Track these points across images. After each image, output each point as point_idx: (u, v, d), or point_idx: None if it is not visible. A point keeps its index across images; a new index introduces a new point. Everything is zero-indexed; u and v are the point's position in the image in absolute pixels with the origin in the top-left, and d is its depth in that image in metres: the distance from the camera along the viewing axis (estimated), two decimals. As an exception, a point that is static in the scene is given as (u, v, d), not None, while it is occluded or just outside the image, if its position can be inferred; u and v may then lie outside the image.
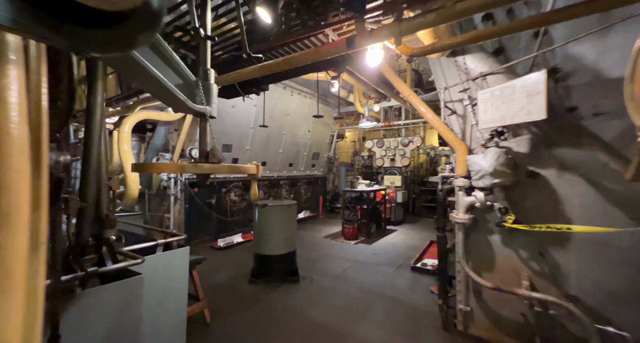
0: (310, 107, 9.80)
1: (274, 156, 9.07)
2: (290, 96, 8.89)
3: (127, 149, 4.91)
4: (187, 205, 6.37)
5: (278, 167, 9.35)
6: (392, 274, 4.95)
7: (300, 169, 10.45)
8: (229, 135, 7.30)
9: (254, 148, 8.16)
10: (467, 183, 2.90)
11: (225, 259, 5.70)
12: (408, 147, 9.92)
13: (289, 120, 9.14)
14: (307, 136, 10.19)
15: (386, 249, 6.45)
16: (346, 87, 9.88)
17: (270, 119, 8.37)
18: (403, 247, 6.65)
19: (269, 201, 4.87)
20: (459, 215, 2.95)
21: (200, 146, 1.64)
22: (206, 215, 6.83)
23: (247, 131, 7.76)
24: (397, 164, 10.16)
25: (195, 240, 6.63)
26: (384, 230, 8.40)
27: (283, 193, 9.60)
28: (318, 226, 9.13)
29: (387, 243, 7.04)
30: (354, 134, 13.98)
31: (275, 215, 4.58)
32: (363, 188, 7.99)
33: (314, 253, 6.14)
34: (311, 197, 10.87)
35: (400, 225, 9.27)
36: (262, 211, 4.58)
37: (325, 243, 7.05)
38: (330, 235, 7.80)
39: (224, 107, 6.89)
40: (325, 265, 5.40)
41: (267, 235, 4.55)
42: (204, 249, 6.30)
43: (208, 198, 6.90)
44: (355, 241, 7.12)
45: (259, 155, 8.48)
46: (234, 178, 7.66)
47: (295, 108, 9.20)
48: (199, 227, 6.72)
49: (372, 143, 10.65)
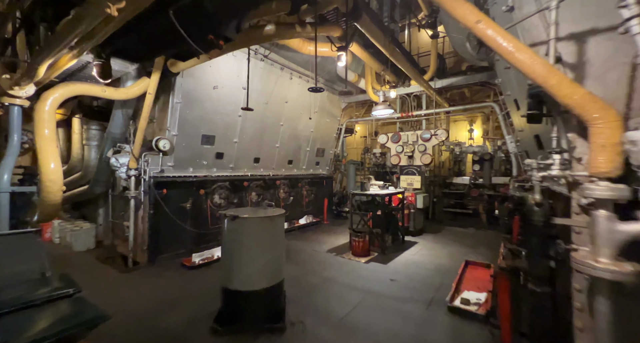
0: (314, 94, 8.33)
1: (270, 151, 7.64)
2: (289, 79, 7.43)
3: (47, 134, 3.54)
4: (152, 211, 5.00)
5: (275, 164, 7.92)
6: (421, 318, 3.42)
7: (301, 167, 8.99)
8: (211, 124, 5.90)
9: (244, 141, 6.75)
10: (624, 194, 1.35)
11: (195, 284, 4.29)
12: (430, 141, 8.31)
13: (288, 108, 7.69)
14: (309, 129, 8.73)
15: (407, 272, 4.92)
16: (357, 70, 8.36)
17: (265, 106, 6.95)
18: (430, 268, 5.09)
19: (243, 210, 3.43)
20: (601, 259, 1.40)
21: None
22: (180, 224, 5.46)
23: (234, 120, 6.35)
24: (416, 162, 8.56)
25: (165, 255, 5.26)
26: (402, 243, 6.85)
27: (281, 195, 8.17)
28: (321, 235, 7.66)
29: (408, 262, 5.49)
30: (364, 128, 12.43)
31: (252, 232, 3.13)
32: (376, 192, 6.47)
33: (311, 277, 4.66)
34: (314, 199, 9.41)
35: (420, 235, 7.69)
36: (232, 226, 3.14)
37: (328, 260, 5.56)
38: (336, 249, 6.31)
39: (202, 87, 5.51)
40: (325, 298, 3.92)
41: (239, 261, 3.11)
42: (172, 268, 4.92)
43: (182, 201, 5.52)
44: (366, 258, 5.60)
45: (251, 150, 7.07)
46: (217, 177, 6.27)
47: (295, 94, 7.74)
48: (169, 238, 5.35)
49: (386, 137, 9.08)
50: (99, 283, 4.23)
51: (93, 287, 4.00)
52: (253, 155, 7.19)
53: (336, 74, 8.26)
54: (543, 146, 2.63)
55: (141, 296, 3.85)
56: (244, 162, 7.00)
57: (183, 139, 5.50)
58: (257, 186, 7.48)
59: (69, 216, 6.56)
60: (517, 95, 3.51)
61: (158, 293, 3.91)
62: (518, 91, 3.19)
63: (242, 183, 6.86)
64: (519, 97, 3.46)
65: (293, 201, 8.58)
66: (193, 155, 5.79)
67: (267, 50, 6.45)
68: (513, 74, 3.07)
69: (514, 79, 3.11)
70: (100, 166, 5.17)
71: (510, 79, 3.69)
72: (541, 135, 2.64)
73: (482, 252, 6.12)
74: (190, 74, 5.25)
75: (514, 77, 3.08)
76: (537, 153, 3.38)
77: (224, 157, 6.43)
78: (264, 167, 7.60)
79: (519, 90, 3.00)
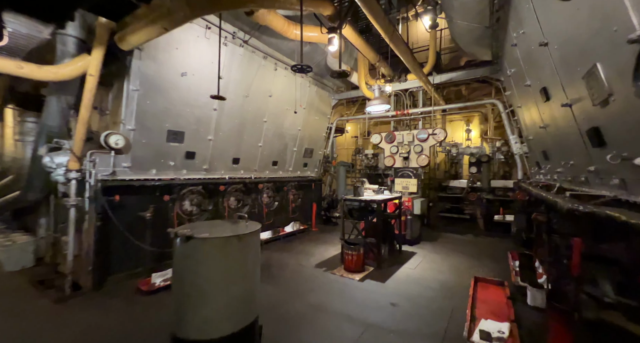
0: (302, 88, 7.55)
1: (251, 151, 6.78)
2: (273, 70, 6.61)
3: None
4: (100, 222, 4.05)
5: (257, 166, 7.06)
6: (435, 363, 2.68)
7: (287, 169, 8.16)
8: (179, 118, 5.00)
9: (221, 139, 5.87)
10: None
11: (149, 319, 3.38)
12: (427, 142, 7.69)
13: (273, 103, 6.86)
14: (296, 127, 7.92)
15: (410, 293, 4.18)
16: (348, 63, 7.64)
17: (245, 99, 6.10)
18: (434, 287, 4.38)
19: (203, 225, 2.58)
20: None
21: None
22: (138, 236, 4.52)
23: (208, 114, 5.47)
24: (412, 164, 7.92)
25: (117, 275, 4.31)
26: (399, 254, 6.14)
27: (264, 200, 7.31)
28: (309, 245, 6.85)
29: (408, 278, 4.76)
30: (355, 128, 11.74)
31: (213, 258, 2.30)
32: (371, 197, 5.73)
33: (296, 302, 3.84)
34: (302, 204, 8.59)
35: (418, 244, 7.02)
36: (185, 250, 2.29)
37: (316, 278, 4.76)
38: (325, 263, 5.52)
39: (167, 73, 4.62)
40: (313, 335, 3.11)
41: (193, 299, 2.26)
42: (123, 293, 3.97)
43: (140, 209, 4.58)
44: (360, 275, 4.84)
45: (229, 149, 6.19)
46: (187, 180, 5.35)
47: (280, 88, 6.93)
48: (123, 255, 4.40)
49: (379, 137, 8.40)
50: (18, 320, 3.25)
51: (4, 327, 3.03)
52: (231, 155, 6.31)
53: (326, 67, 7.52)
54: (605, 142, 1.94)
55: None
56: (220, 163, 6.11)
57: (143, 135, 4.58)
58: (237, 190, 6.59)
59: (4, 227, 5.46)
60: (549, 82, 2.86)
61: (94, 337, 2.99)
62: (553, 77, 2.52)
63: (218, 188, 5.96)
64: (551, 84, 2.80)
65: (278, 207, 7.73)
66: (156, 154, 4.87)
67: (247, 35, 5.63)
68: (553, 54, 2.39)
69: (552, 61, 2.44)
70: (34, 167, 4.17)
71: (538, 65, 3.03)
72: (604, 126, 1.95)
73: (488, 264, 5.49)
74: (151, 57, 4.35)
75: (553, 58, 2.40)
76: (576, 152, 2.72)
77: (196, 157, 5.53)
78: (244, 169, 6.72)
79: (562, 72, 2.31)
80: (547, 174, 4.46)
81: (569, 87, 2.36)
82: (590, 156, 2.35)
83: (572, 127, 2.52)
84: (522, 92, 4.34)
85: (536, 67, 3.14)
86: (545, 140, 3.82)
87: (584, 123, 2.25)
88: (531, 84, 3.66)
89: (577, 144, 2.56)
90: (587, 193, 2.15)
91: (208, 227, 2.57)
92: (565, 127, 2.76)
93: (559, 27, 2.20)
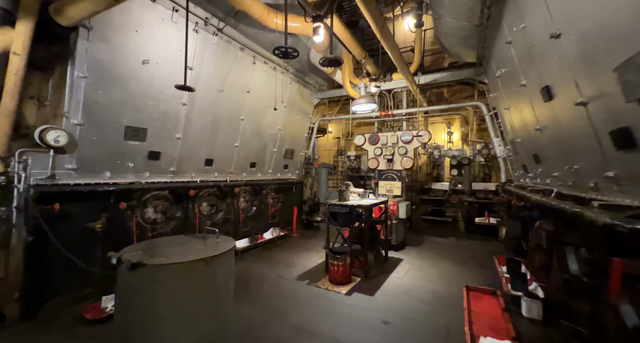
0: (282, 84, 7.06)
1: (227, 151, 6.17)
2: (251, 64, 6.07)
3: None
4: (32, 237, 3.29)
5: (233, 167, 6.45)
6: (440, 397, 2.33)
7: (267, 171, 7.61)
8: (140, 112, 4.32)
9: (191, 137, 5.23)
10: None
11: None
12: (411, 143, 7.51)
13: (251, 100, 6.31)
14: (277, 126, 7.41)
15: (401, 307, 3.85)
16: (332, 59, 7.26)
17: (219, 94, 5.51)
18: (426, 299, 4.09)
19: (157, 246, 2.03)
20: None
21: None
22: (85, 251, 3.78)
23: (176, 109, 4.82)
24: (397, 166, 7.70)
25: (55, 301, 3.55)
26: (385, 261, 5.84)
27: (240, 205, 6.71)
28: (290, 253, 6.36)
29: (398, 289, 4.44)
30: (337, 129, 11.42)
31: (169, 290, 1.77)
32: (358, 202, 5.38)
33: (277, 324, 3.35)
34: (282, 208, 8.07)
35: (403, 249, 6.79)
36: (132, 281, 1.75)
37: (299, 293, 4.29)
38: (308, 274, 5.06)
39: (125, 59, 3.95)
40: (297, 367, 2.65)
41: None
42: (61, 324, 3.24)
43: (89, 220, 3.85)
44: (347, 287, 4.45)
45: (200, 149, 5.55)
46: (150, 184, 4.65)
47: (259, 83, 6.40)
48: (64, 275, 3.65)
49: (363, 138, 8.12)
50: None
51: None
52: (204, 156, 5.67)
53: (309, 63, 7.10)
54: (636, 144, 1.69)
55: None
56: (191, 164, 5.45)
57: (93, 131, 3.86)
58: (210, 195, 5.95)
59: None
60: (555, 79, 2.65)
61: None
62: (563, 73, 2.29)
63: (187, 192, 5.29)
64: (558, 82, 2.59)
65: (256, 212, 7.16)
66: (111, 154, 4.15)
67: (221, 22, 5.06)
68: (566, 47, 2.16)
69: (565, 55, 2.20)
70: (-56, 169, 3.31)
71: (542, 61, 2.82)
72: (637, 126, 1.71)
73: (475, 270, 5.34)
74: (103, 38, 3.66)
75: (567, 51, 2.17)
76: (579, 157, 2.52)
77: (162, 157, 4.85)
78: (218, 171, 6.10)
79: (578, 66, 2.07)
80: (536, 178, 4.36)
81: (586, 84, 2.12)
82: (607, 160, 2.13)
83: (585, 128, 2.30)
84: (514, 92, 4.20)
85: (538, 64, 2.94)
86: (539, 143, 3.67)
87: (604, 123, 2.01)
88: (527, 84, 3.49)
89: (589, 146, 2.35)
90: (614, 203, 1.91)
91: (166, 247, 2.03)
92: (572, 128, 2.55)
93: (580, 14, 1.96)
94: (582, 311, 2.11)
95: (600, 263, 1.72)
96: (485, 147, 8.28)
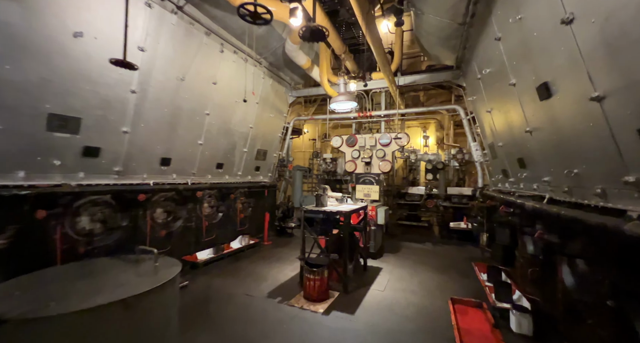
0: (255, 78, 6.45)
1: (188, 150, 5.39)
2: (219, 52, 5.39)
3: None
4: None
5: (196, 169, 5.67)
6: None
7: (236, 174, 6.89)
8: (72, 97, 3.47)
9: (142, 132, 4.41)
10: None
11: None
12: (389, 146, 7.28)
13: (218, 93, 5.61)
14: (248, 124, 6.75)
15: (385, 326, 3.43)
16: (309, 54, 6.83)
17: (179, 83, 4.77)
18: (410, 316, 3.71)
19: (57, 280, 1.38)
20: None
21: None
22: (-17, 275, 2.85)
23: (122, 96, 4.00)
24: (374, 170, 7.43)
25: None
26: (364, 271, 5.44)
27: (204, 211, 5.92)
28: (260, 264, 5.71)
29: (380, 305, 4.03)
30: (313, 130, 10.98)
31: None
32: (337, 208, 4.92)
33: (242, 361, 2.74)
34: (253, 214, 7.36)
35: (381, 257, 6.46)
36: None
37: (269, 315, 3.69)
38: (280, 290, 4.47)
39: (47, 28, 3.13)
40: None
41: None
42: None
43: (-11, 235, 2.93)
44: (324, 305, 3.94)
45: (155, 147, 4.73)
46: (85, 187, 3.77)
47: (228, 75, 5.73)
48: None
49: (340, 140, 7.74)
50: None
51: None
52: (159, 155, 4.85)
53: (284, 56, 6.57)
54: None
55: None
56: (142, 164, 4.61)
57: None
58: (166, 200, 5.11)
59: None
60: (557, 74, 2.41)
61: None
62: (574, 65, 2.04)
63: (136, 197, 4.45)
64: (563, 76, 2.35)
65: (223, 218, 6.39)
66: (27, 148, 3.25)
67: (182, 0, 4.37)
68: (579, 34, 1.89)
69: (576, 43, 1.94)
70: None
71: (543, 54, 2.59)
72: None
73: (455, 278, 5.14)
74: (16, -2, 2.83)
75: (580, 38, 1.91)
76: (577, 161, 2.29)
77: (102, 154, 3.99)
78: (177, 173, 5.29)
79: (596, 55, 1.80)
80: (518, 183, 4.23)
81: (605, 75, 1.86)
82: (626, 163, 1.88)
83: (596, 126, 2.05)
84: (500, 93, 4.04)
85: (536, 58, 2.72)
86: (527, 146, 3.50)
87: (629, 119, 1.74)
88: (517, 83, 3.30)
89: (598, 148, 2.11)
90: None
91: (70, 281, 1.37)
92: (577, 128, 2.32)
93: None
94: (598, 335, 1.84)
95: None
96: (459, 151, 8.33)
